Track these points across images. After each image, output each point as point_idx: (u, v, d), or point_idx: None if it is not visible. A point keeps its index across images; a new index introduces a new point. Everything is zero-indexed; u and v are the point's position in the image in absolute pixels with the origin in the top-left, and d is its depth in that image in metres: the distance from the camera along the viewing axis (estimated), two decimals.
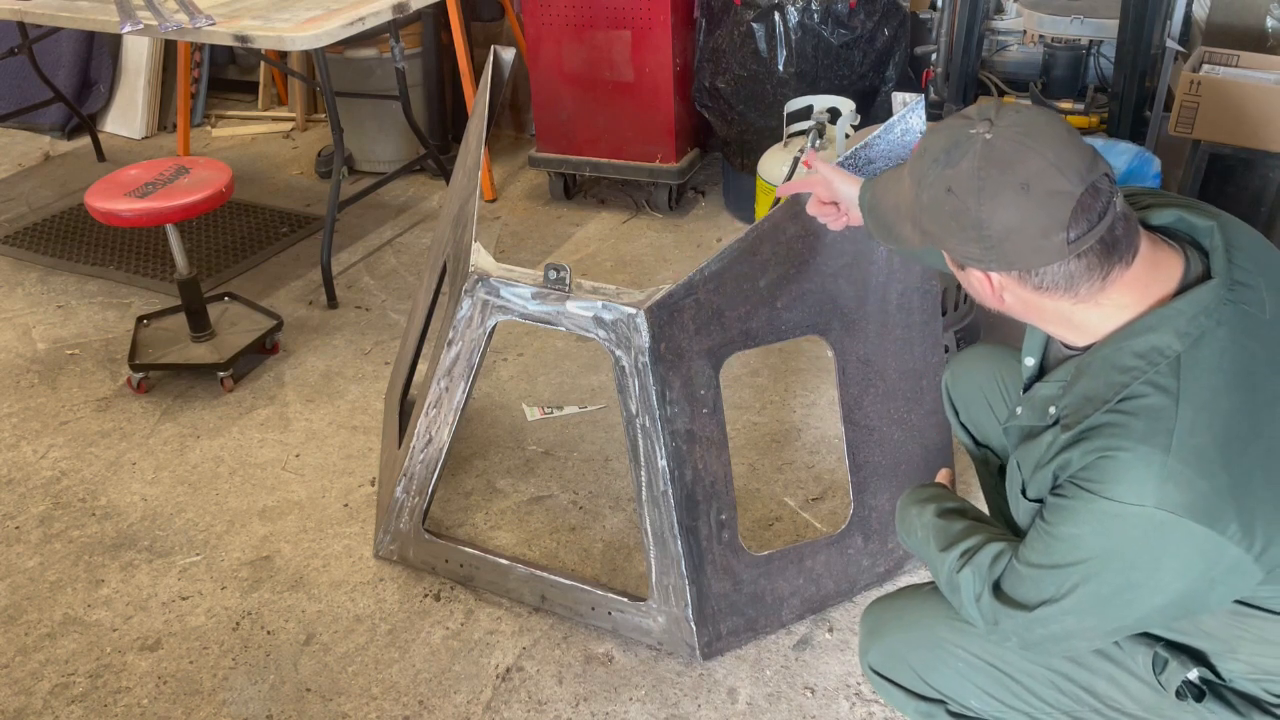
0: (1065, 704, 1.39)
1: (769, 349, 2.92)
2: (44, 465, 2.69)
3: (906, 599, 1.54)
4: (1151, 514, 1.08)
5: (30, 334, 3.29)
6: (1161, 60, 3.15)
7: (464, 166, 2.38)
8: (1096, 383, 1.15)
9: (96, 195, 2.74)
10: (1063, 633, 1.21)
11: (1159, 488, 1.07)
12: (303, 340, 3.17)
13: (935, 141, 1.17)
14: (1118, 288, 1.14)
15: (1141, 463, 1.08)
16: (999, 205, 1.10)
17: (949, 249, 1.19)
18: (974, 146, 1.12)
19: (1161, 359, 1.11)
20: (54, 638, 2.17)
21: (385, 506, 2.27)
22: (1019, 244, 1.11)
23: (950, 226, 1.15)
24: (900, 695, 1.51)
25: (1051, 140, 1.10)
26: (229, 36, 2.94)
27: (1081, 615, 1.18)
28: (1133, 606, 1.16)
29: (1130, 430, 1.10)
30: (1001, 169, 1.10)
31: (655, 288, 1.84)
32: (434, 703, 1.98)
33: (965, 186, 1.12)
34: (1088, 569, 1.15)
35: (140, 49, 4.81)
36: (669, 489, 1.88)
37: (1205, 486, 1.07)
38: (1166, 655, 1.30)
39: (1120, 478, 1.10)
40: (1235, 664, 1.27)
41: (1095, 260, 1.11)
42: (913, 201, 1.20)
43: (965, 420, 1.80)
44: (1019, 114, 1.14)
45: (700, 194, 3.96)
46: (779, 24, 3.36)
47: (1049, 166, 1.08)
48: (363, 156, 4.26)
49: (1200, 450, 1.08)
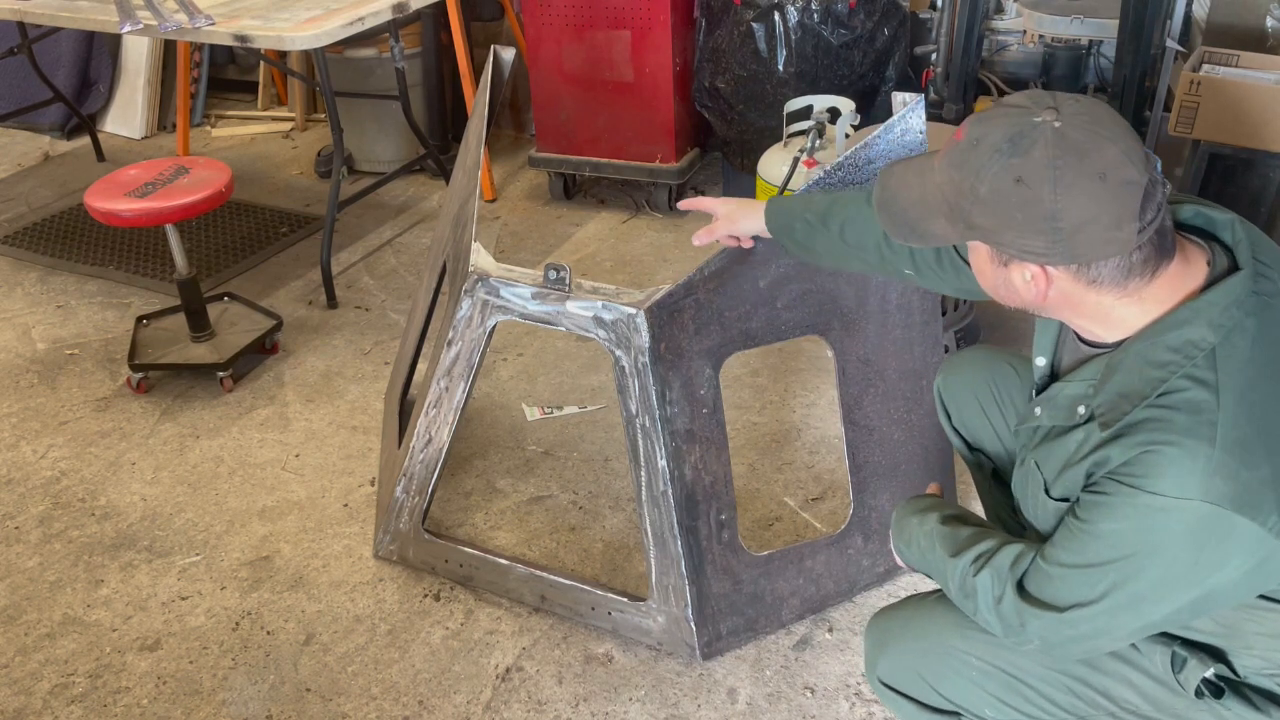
0: (1080, 708, 1.38)
1: (769, 349, 2.92)
2: (44, 465, 2.69)
3: (913, 608, 1.50)
4: (1197, 507, 1.07)
5: (30, 334, 3.29)
6: (1161, 60, 3.15)
7: (464, 166, 2.38)
8: (1132, 378, 1.14)
9: (96, 195, 2.74)
10: (1092, 632, 1.20)
11: (1206, 480, 1.07)
12: (303, 340, 3.17)
13: (992, 131, 1.12)
14: (1160, 283, 1.14)
15: (1188, 456, 1.08)
16: (1076, 195, 1.07)
17: (1003, 243, 1.14)
18: (1044, 135, 1.08)
19: (1197, 352, 1.11)
20: (54, 638, 2.17)
21: (385, 506, 2.26)
22: (1091, 235, 1.09)
23: (1014, 219, 1.11)
24: (911, 709, 1.47)
25: (1118, 129, 1.09)
26: (229, 36, 2.94)
27: (1115, 614, 1.17)
28: (1165, 602, 1.15)
29: (1173, 424, 1.09)
30: (1079, 157, 1.07)
31: (655, 288, 1.84)
32: (434, 703, 1.98)
33: (1039, 176, 1.08)
34: (1127, 566, 1.13)
35: (140, 49, 4.81)
36: (669, 489, 1.88)
37: (1249, 478, 1.07)
38: (1185, 654, 1.29)
39: (1166, 472, 1.09)
40: (1251, 659, 1.27)
41: (1151, 252, 1.11)
42: (958, 194, 1.15)
43: (958, 424, 1.78)
44: (1080, 103, 1.11)
45: (700, 194, 3.96)
46: (779, 24, 3.36)
47: (1121, 156, 1.07)
48: (363, 156, 4.26)
49: (1244, 441, 1.08)
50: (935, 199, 1.20)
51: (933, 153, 1.26)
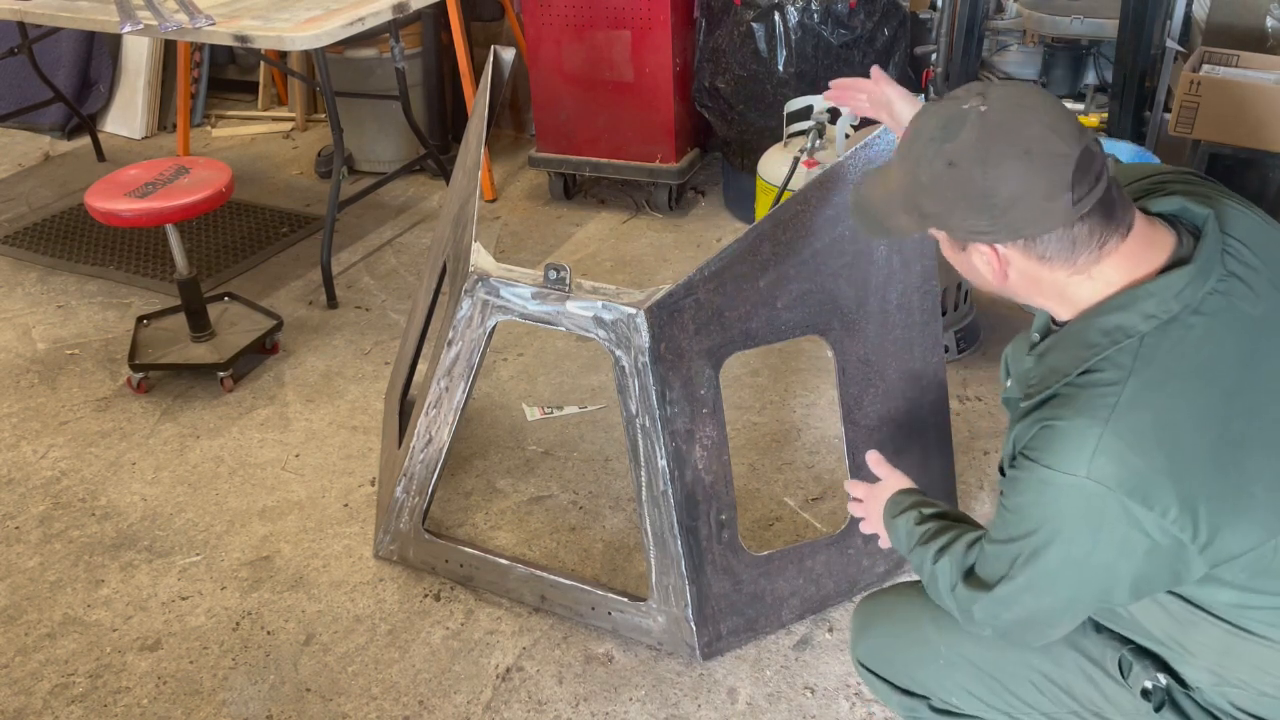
0: (1045, 705, 1.41)
1: (769, 349, 2.92)
2: (44, 465, 2.69)
3: (896, 596, 1.58)
4: (1083, 484, 1.10)
5: (30, 334, 3.29)
6: (1161, 60, 3.15)
7: (464, 166, 2.39)
8: (1063, 356, 1.17)
9: (96, 195, 2.74)
10: (1026, 616, 1.23)
11: (1090, 459, 1.09)
12: (303, 340, 3.17)
13: (927, 122, 1.18)
14: (1111, 260, 1.15)
15: (1077, 432, 1.11)
16: (1004, 172, 1.11)
17: (952, 227, 1.19)
18: (970, 119, 1.13)
19: (1125, 338, 1.13)
20: (54, 638, 2.17)
21: (385, 506, 2.26)
22: (1026, 209, 1.12)
23: (955, 201, 1.15)
24: (885, 689, 1.56)
25: (1044, 107, 1.13)
26: (229, 36, 2.94)
27: (1037, 593, 1.20)
28: (1076, 582, 1.17)
29: (1073, 401, 1.13)
30: (1003, 137, 1.11)
31: (655, 288, 1.84)
32: (434, 703, 1.98)
33: (968, 157, 1.12)
34: (1034, 541, 1.16)
35: (140, 49, 4.81)
36: (669, 489, 1.88)
37: (1140, 464, 1.08)
38: (1132, 659, 1.31)
39: (1056, 447, 1.12)
40: (1199, 673, 1.26)
41: (1096, 224, 1.13)
42: (908, 185, 1.20)
43: None
44: (1007, 87, 1.16)
45: (700, 194, 3.96)
46: (779, 24, 3.36)
47: (1047, 131, 1.10)
48: (363, 156, 4.26)
49: (1138, 428, 1.09)
50: (895, 194, 1.25)
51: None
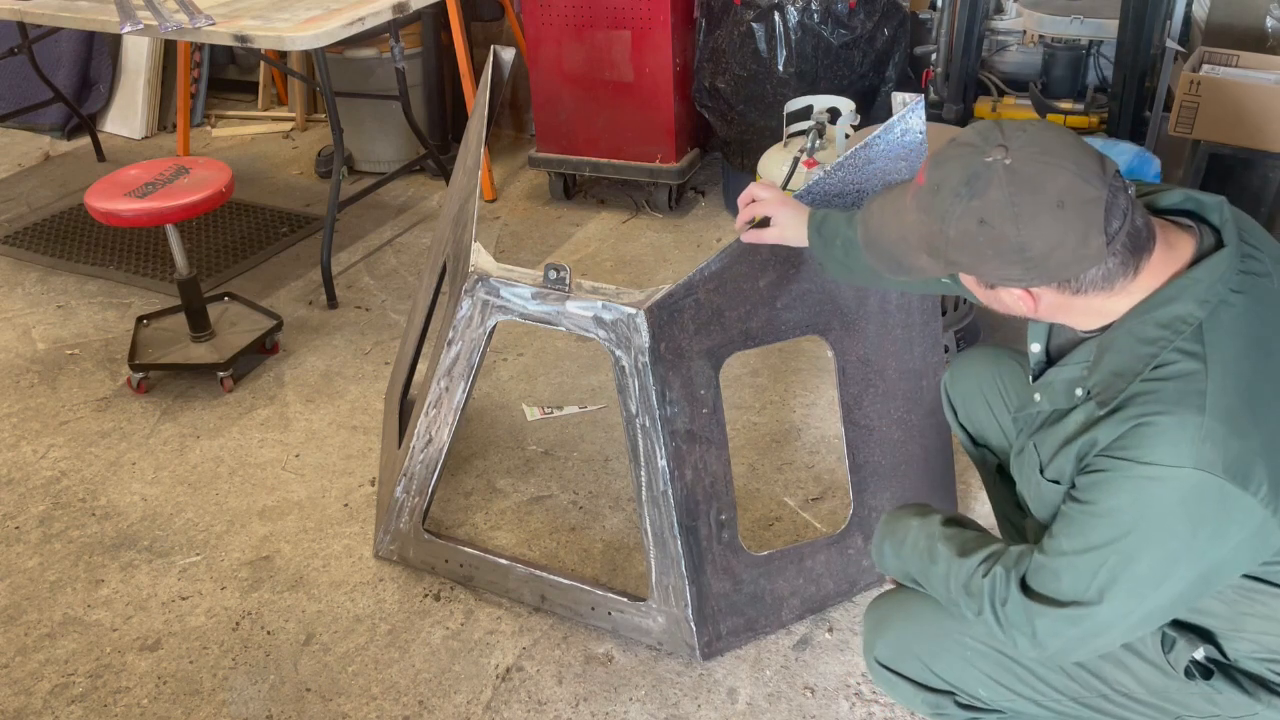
0: (1073, 689, 1.39)
1: (769, 349, 2.92)
2: (44, 465, 2.69)
3: (907, 594, 1.54)
4: (1189, 474, 1.09)
5: (30, 334, 3.29)
6: (1161, 60, 3.15)
7: (464, 166, 2.39)
8: (1124, 356, 1.17)
9: (96, 195, 2.74)
10: (1097, 628, 1.19)
11: (1196, 448, 1.09)
12: (303, 340, 3.17)
13: (949, 174, 1.17)
14: (1145, 273, 1.17)
15: (1177, 425, 1.10)
16: (1038, 227, 1.11)
17: (982, 274, 1.20)
18: (996, 174, 1.12)
19: (1185, 327, 1.13)
20: (54, 638, 2.17)
21: (385, 506, 2.27)
22: (1062, 257, 1.13)
23: (986, 255, 1.16)
24: (908, 688, 1.51)
25: (1068, 152, 1.12)
26: (229, 36, 2.94)
27: (1120, 601, 1.17)
28: (1169, 582, 1.15)
29: (1164, 395, 1.12)
30: (1033, 191, 1.11)
31: (655, 288, 1.84)
32: (434, 703, 1.98)
33: (1000, 215, 1.12)
34: (1127, 545, 1.14)
35: (140, 49, 4.81)
36: (669, 489, 1.88)
37: (1239, 446, 1.09)
38: (1174, 635, 1.30)
39: (1157, 442, 1.11)
40: (1241, 643, 1.28)
41: (1127, 254, 1.14)
42: (932, 235, 1.20)
43: (964, 420, 1.81)
44: (1026, 132, 1.15)
45: (700, 194, 3.96)
46: (779, 24, 3.36)
47: (1075, 179, 1.10)
48: (363, 156, 4.26)
49: (1233, 410, 1.10)
50: (913, 238, 1.24)
51: (906, 185, 1.29)
